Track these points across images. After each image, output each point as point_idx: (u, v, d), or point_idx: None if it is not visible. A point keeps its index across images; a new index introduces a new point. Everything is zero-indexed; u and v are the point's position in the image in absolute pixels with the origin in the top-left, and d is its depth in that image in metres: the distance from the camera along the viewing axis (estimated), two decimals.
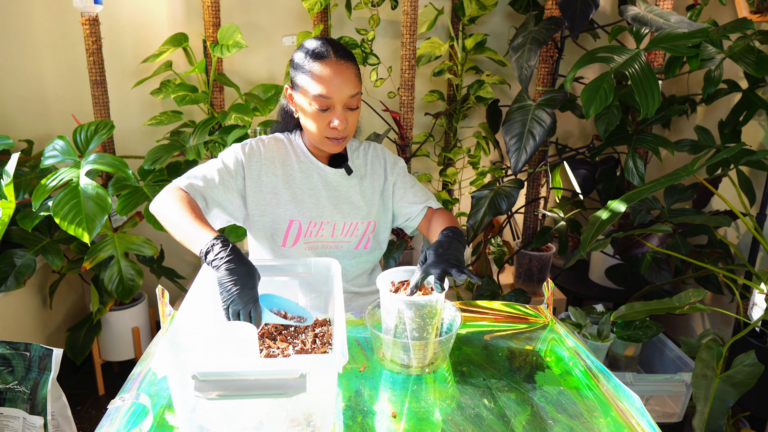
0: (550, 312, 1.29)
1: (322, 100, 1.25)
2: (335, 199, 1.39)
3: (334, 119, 1.27)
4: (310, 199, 1.37)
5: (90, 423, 2.16)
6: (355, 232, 1.40)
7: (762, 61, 1.72)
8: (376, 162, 1.45)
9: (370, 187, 1.43)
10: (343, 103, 1.26)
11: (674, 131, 2.65)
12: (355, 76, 1.28)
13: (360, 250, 1.42)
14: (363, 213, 1.41)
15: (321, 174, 1.40)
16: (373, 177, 1.44)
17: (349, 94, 1.26)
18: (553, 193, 2.76)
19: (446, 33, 2.68)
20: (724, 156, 1.52)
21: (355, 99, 1.28)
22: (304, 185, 1.38)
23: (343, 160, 1.41)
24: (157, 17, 2.48)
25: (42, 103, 2.48)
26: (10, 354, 1.46)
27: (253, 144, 1.37)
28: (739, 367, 1.47)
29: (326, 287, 1.19)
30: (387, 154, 1.48)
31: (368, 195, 1.43)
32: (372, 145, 1.48)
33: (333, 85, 1.24)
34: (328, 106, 1.26)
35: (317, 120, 1.28)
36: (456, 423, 0.92)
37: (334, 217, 1.37)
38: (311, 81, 1.25)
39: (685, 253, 1.97)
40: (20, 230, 2.06)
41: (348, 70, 1.26)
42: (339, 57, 1.26)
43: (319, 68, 1.24)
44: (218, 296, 0.97)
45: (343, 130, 1.28)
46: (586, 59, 1.80)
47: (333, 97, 1.24)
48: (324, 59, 1.25)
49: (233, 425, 0.84)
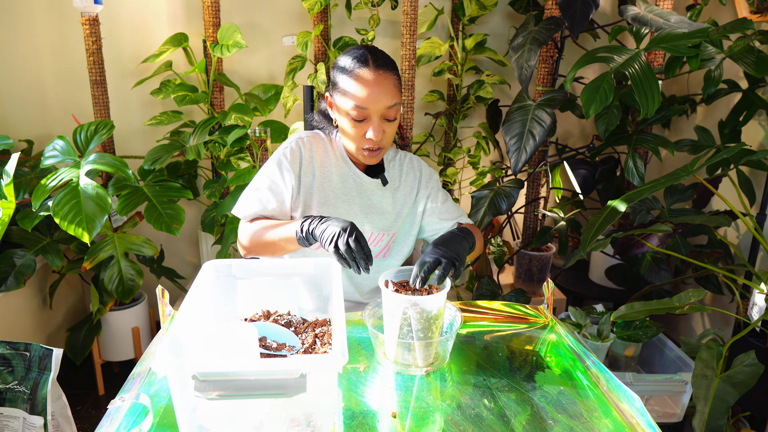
0: (550, 312, 1.29)
1: (359, 110, 1.24)
2: (367, 208, 1.38)
3: (369, 130, 1.25)
4: (342, 204, 1.36)
5: (90, 423, 2.16)
6: (379, 242, 1.40)
7: (762, 61, 1.72)
8: (411, 174, 1.44)
9: (402, 198, 1.42)
10: (380, 114, 1.25)
11: (674, 131, 2.65)
12: (394, 86, 1.25)
13: (378, 259, 1.41)
14: (389, 224, 1.40)
15: (357, 181, 1.38)
16: (405, 188, 1.42)
17: (386, 105, 1.24)
18: (553, 193, 2.76)
19: (446, 33, 2.68)
20: (724, 156, 1.52)
21: (393, 110, 1.25)
22: (338, 189, 1.36)
23: (380, 170, 1.40)
24: (157, 17, 2.48)
25: (42, 103, 2.48)
26: (10, 354, 1.46)
27: (293, 147, 1.35)
28: (739, 367, 1.46)
29: (326, 287, 1.19)
30: (423, 167, 1.45)
31: (399, 206, 1.42)
32: (408, 156, 1.46)
33: (370, 95, 1.22)
34: (364, 117, 1.25)
35: (353, 129, 1.27)
36: (456, 423, 0.92)
37: (363, 226, 1.37)
38: (349, 90, 1.24)
39: (685, 253, 1.97)
40: (20, 230, 2.06)
41: (386, 80, 1.24)
42: (378, 66, 1.24)
43: (357, 77, 1.23)
44: (219, 296, 0.97)
45: (378, 141, 1.27)
46: (586, 59, 1.80)
47: (369, 107, 1.23)
48: (363, 68, 1.23)
49: (233, 425, 0.84)
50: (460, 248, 1.13)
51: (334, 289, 1.05)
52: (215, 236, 2.41)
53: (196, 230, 2.76)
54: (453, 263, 1.08)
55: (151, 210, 2.07)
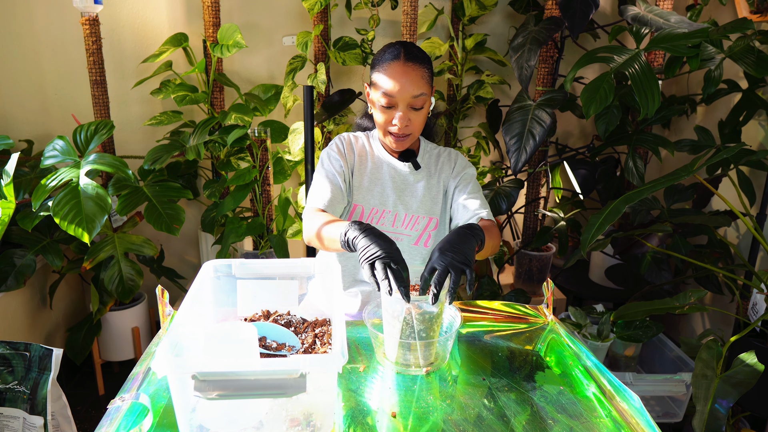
0: (550, 312, 1.29)
1: (387, 97, 1.32)
2: (400, 191, 1.44)
3: (396, 117, 1.33)
4: (376, 187, 1.44)
5: (90, 423, 2.16)
6: (416, 225, 1.44)
7: (762, 61, 1.72)
8: (446, 163, 1.49)
9: (437, 185, 1.47)
10: (407, 103, 1.32)
11: (674, 131, 2.65)
12: (422, 78, 1.32)
13: (420, 247, 1.44)
14: (426, 208, 1.45)
15: (390, 166, 1.46)
16: (439, 176, 1.48)
17: (413, 94, 1.31)
18: (553, 193, 2.76)
19: (446, 33, 2.68)
20: (724, 156, 1.52)
21: (420, 99, 1.32)
22: (373, 175, 1.45)
23: (413, 156, 1.46)
24: (157, 17, 2.48)
25: (42, 103, 2.48)
26: (10, 354, 1.46)
27: (336, 140, 1.47)
28: (739, 367, 1.46)
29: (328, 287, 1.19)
30: (460, 158, 1.51)
31: (434, 192, 1.47)
32: (448, 150, 1.53)
33: (398, 84, 1.30)
34: (392, 104, 1.33)
35: (382, 115, 1.35)
36: (456, 423, 0.92)
37: (396, 207, 1.43)
38: (379, 79, 1.33)
39: (685, 253, 1.97)
40: (20, 230, 2.06)
41: (415, 71, 1.31)
42: (408, 59, 1.32)
43: (388, 67, 1.32)
44: (219, 296, 0.97)
45: (403, 128, 1.34)
46: (586, 59, 1.80)
47: (396, 95, 1.31)
48: (394, 60, 1.32)
49: (233, 425, 0.84)
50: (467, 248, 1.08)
51: (334, 289, 1.05)
52: (215, 236, 2.41)
53: (196, 230, 2.76)
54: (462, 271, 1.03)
55: (151, 210, 2.07)
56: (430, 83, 1.36)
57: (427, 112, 1.39)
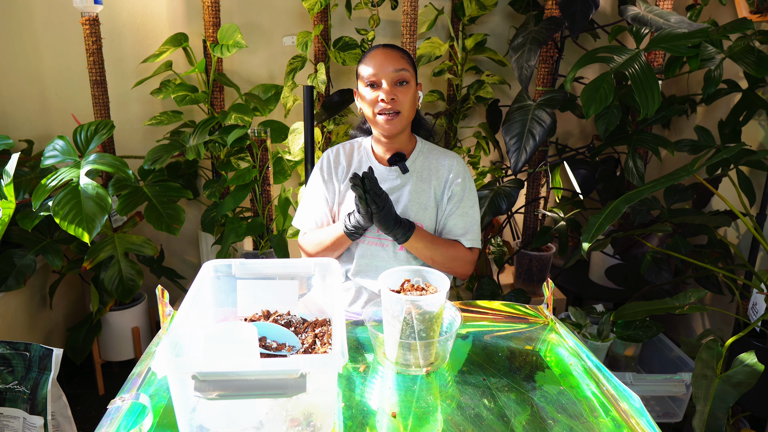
0: (550, 312, 1.29)
1: (370, 77, 1.37)
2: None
3: (381, 93, 1.36)
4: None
5: (90, 423, 2.16)
6: None
7: (762, 61, 1.72)
8: (443, 170, 1.45)
9: (428, 190, 1.44)
10: (389, 78, 1.36)
11: (674, 131, 2.65)
12: (401, 57, 1.38)
13: (404, 252, 1.42)
14: (412, 214, 1.42)
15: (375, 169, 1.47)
16: (431, 182, 1.44)
17: (394, 68, 1.36)
18: (553, 193, 2.76)
19: (446, 33, 2.68)
20: (724, 156, 1.52)
21: (401, 74, 1.36)
22: None
23: (402, 159, 1.45)
24: (157, 17, 2.48)
25: (42, 103, 2.48)
26: (10, 354, 1.46)
27: (323, 159, 1.53)
28: (739, 367, 1.46)
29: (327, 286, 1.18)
30: (461, 169, 1.46)
31: (423, 199, 1.43)
32: (449, 156, 1.48)
33: (377, 62, 1.37)
34: (375, 82, 1.37)
35: (369, 98, 1.39)
36: (456, 423, 0.92)
37: None
38: (362, 69, 1.40)
39: (685, 253, 1.97)
40: (20, 230, 2.06)
41: (394, 52, 1.38)
42: (386, 47, 1.40)
43: (367, 56, 1.40)
44: (219, 296, 0.97)
45: (391, 103, 1.36)
46: (586, 59, 1.80)
47: (378, 72, 1.36)
48: (372, 49, 1.41)
49: (233, 425, 0.84)
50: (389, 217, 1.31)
51: (334, 289, 1.05)
52: (215, 236, 2.41)
53: (196, 230, 2.76)
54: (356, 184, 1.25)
55: (151, 210, 2.07)
56: (411, 66, 1.40)
57: (415, 95, 1.40)
